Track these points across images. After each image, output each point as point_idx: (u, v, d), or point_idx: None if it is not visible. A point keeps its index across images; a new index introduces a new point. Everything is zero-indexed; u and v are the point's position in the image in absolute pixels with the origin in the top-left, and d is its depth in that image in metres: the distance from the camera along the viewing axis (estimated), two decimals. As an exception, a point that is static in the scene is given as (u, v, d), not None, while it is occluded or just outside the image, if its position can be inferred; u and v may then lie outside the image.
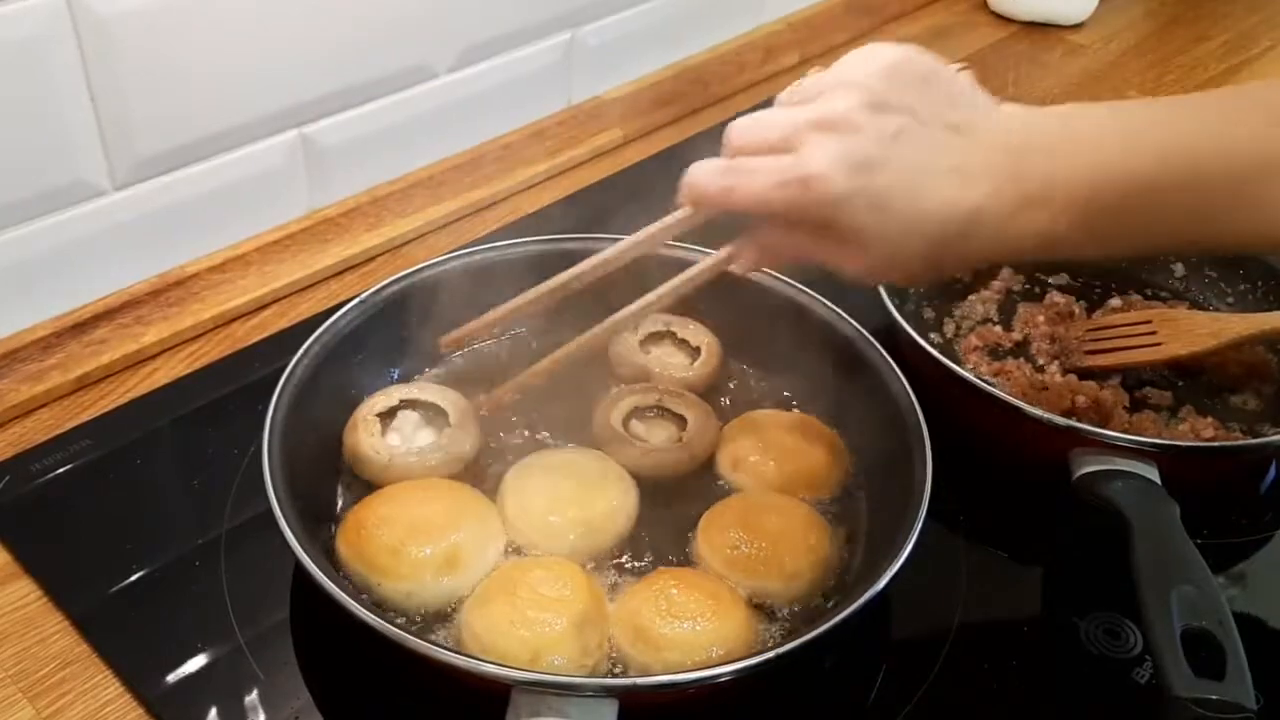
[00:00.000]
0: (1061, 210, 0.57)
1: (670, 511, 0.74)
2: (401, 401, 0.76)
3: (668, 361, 0.83)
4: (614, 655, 0.65)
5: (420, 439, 0.76)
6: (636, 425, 0.77)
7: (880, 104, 0.57)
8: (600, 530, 0.70)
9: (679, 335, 0.84)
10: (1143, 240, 0.60)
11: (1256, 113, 0.58)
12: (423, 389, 0.78)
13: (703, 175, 0.61)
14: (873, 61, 0.59)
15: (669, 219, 0.67)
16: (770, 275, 0.83)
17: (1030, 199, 0.57)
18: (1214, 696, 0.57)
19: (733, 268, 0.68)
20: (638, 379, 0.81)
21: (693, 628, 0.63)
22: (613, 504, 0.71)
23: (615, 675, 0.64)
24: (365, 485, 0.73)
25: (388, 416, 0.76)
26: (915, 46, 0.61)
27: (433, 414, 0.77)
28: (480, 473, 0.75)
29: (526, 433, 0.78)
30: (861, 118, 0.57)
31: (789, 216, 0.59)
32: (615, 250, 0.69)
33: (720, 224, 0.66)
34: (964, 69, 0.62)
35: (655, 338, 0.84)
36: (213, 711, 0.64)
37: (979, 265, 0.60)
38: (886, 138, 0.56)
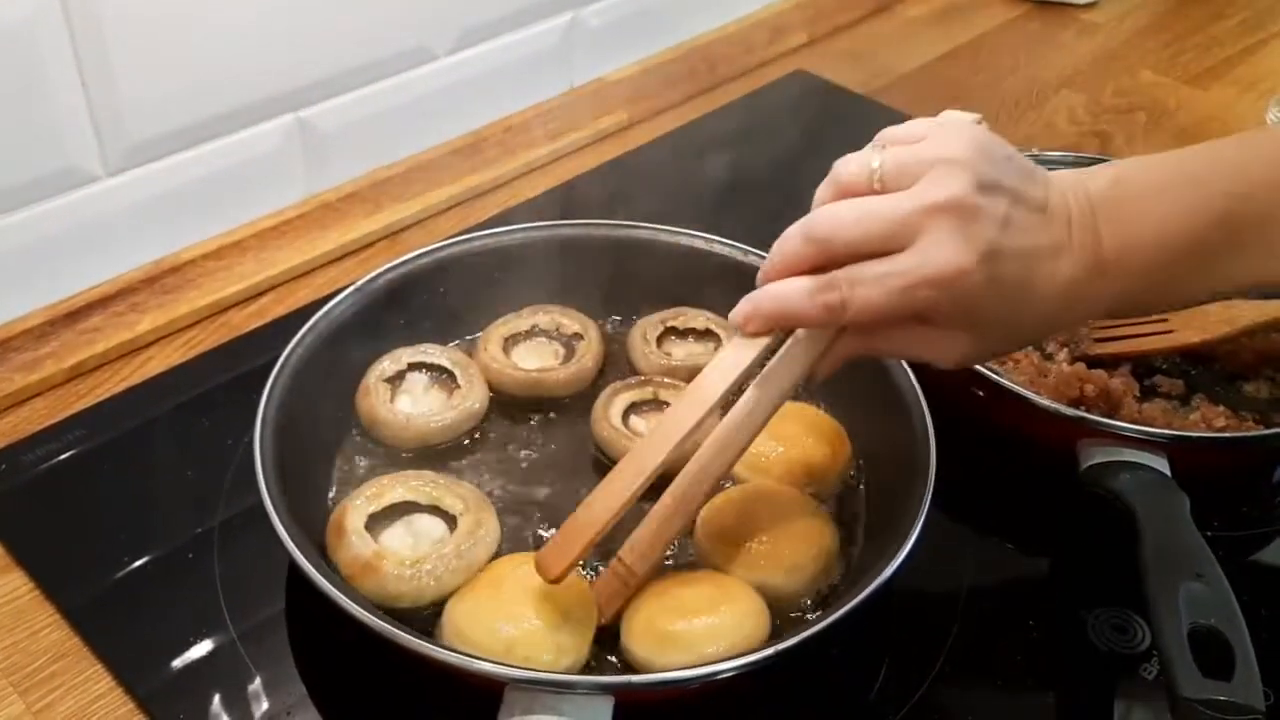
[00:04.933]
0: (1136, 277, 0.57)
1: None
2: (409, 365, 0.78)
3: (693, 350, 0.82)
4: (624, 658, 0.64)
5: (431, 400, 0.77)
6: (635, 421, 0.76)
7: (989, 185, 0.54)
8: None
9: (696, 328, 0.83)
10: (1203, 290, 0.60)
11: None
12: (428, 352, 0.79)
13: (793, 298, 0.56)
14: (964, 137, 0.56)
15: (748, 356, 0.59)
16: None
17: (1106, 268, 0.56)
18: (1222, 698, 0.56)
19: (810, 383, 0.63)
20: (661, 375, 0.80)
21: (707, 624, 0.62)
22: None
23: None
24: (359, 470, 0.73)
25: (396, 380, 0.77)
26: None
27: (440, 375, 0.78)
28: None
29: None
30: (978, 200, 0.53)
31: (920, 317, 0.56)
32: (700, 414, 0.61)
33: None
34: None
35: (668, 334, 0.83)
36: (205, 706, 0.63)
37: (1058, 334, 0.61)
38: (1000, 222, 0.54)
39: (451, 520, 0.68)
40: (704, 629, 0.62)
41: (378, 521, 0.68)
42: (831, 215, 0.56)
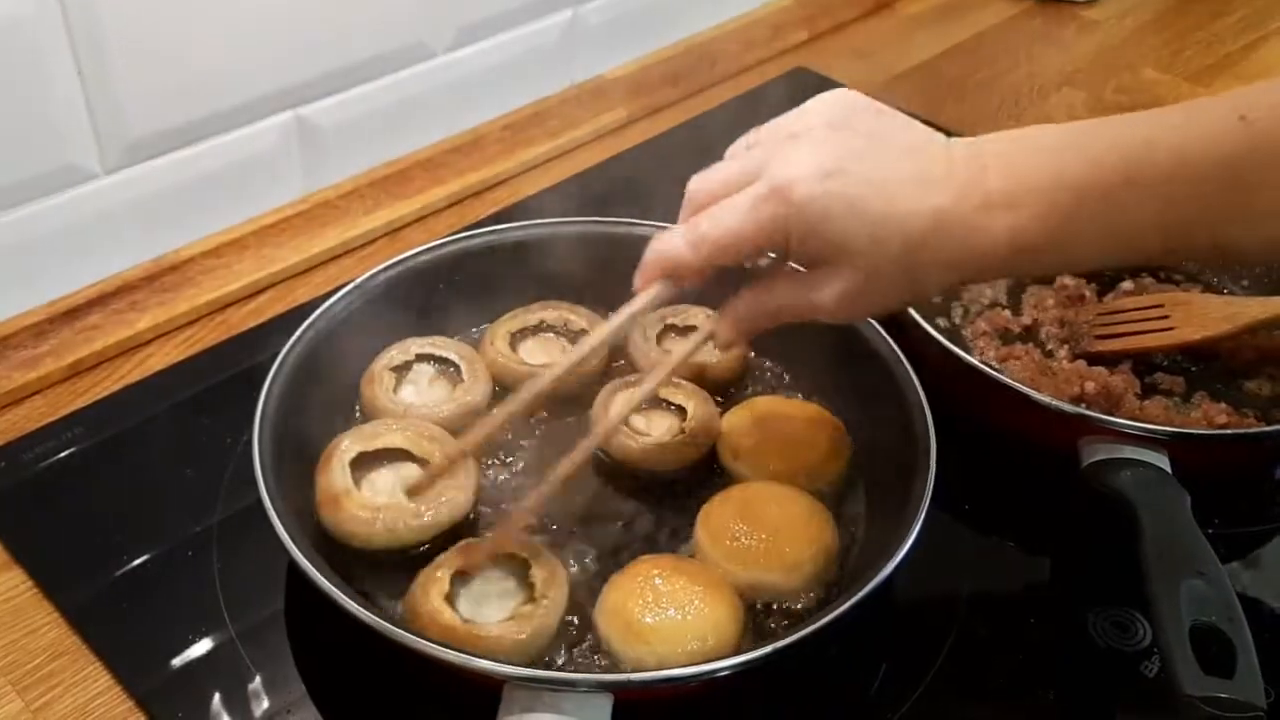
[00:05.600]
0: (1027, 213, 0.56)
1: (669, 502, 0.73)
2: (417, 355, 0.78)
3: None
4: (604, 650, 0.64)
5: (434, 392, 0.77)
6: (635, 418, 0.76)
7: (841, 125, 0.59)
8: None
9: (695, 325, 0.82)
10: (1110, 245, 0.59)
11: (1219, 108, 0.56)
12: (436, 344, 0.79)
13: (668, 244, 0.61)
14: (826, 98, 0.61)
15: (639, 301, 0.64)
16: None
17: (993, 201, 0.57)
18: (1223, 695, 0.56)
19: (714, 344, 0.68)
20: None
21: (681, 616, 0.62)
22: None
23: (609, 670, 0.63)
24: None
25: (402, 370, 0.78)
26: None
27: (446, 368, 0.79)
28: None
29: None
30: (824, 134, 0.58)
31: (770, 243, 0.59)
32: (588, 348, 0.66)
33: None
34: None
35: (667, 331, 0.83)
36: (204, 705, 0.63)
37: (956, 281, 0.60)
38: (850, 152, 0.57)
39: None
40: (670, 628, 0.62)
41: (372, 460, 0.70)
42: (698, 177, 0.63)
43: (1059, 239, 0.57)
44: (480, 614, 0.64)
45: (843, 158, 0.57)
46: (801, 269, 0.61)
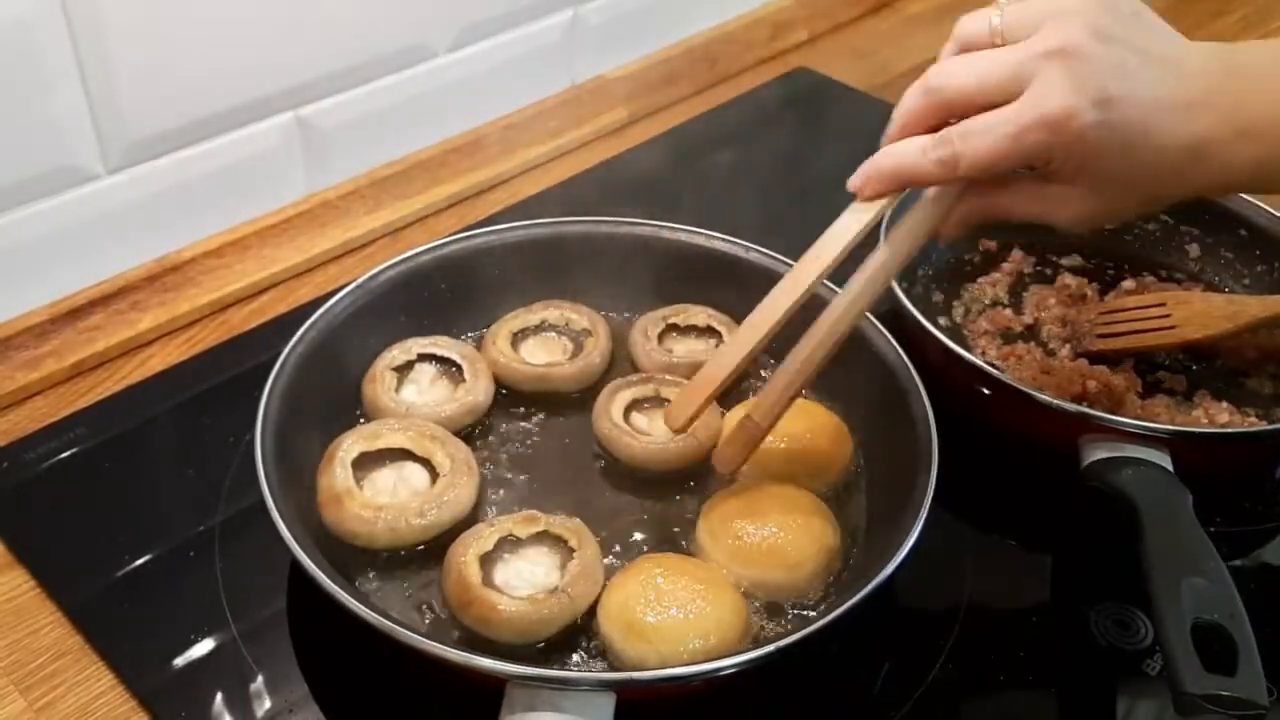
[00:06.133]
0: (1275, 142, 0.56)
1: (671, 502, 0.73)
2: (418, 355, 0.78)
3: (694, 347, 0.82)
4: (606, 649, 0.64)
5: (436, 391, 0.77)
6: (637, 418, 0.76)
7: (1106, 35, 0.55)
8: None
9: (697, 325, 0.83)
10: None
11: None
12: (438, 343, 0.79)
13: (909, 158, 0.58)
14: None
15: (870, 213, 0.60)
16: (770, 256, 0.82)
17: (1245, 131, 0.56)
18: (1225, 693, 0.56)
19: (933, 237, 0.64)
20: (665, 373, 0.79)
21: (683, 615, 0.62)
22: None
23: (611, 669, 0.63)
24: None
25: (404, 369, 0.78)
26: None
27: (447, 367, 0.79)
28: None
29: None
30: (1092, 47, 0.54)
31: (1026, 165, 0.56)
32: (814, 277, 0.63)
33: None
34: None
35: (669, 331, 0.83)
36: (207, 704, 0.63)
37: (1192, 198, 0.60)
38: (1119, 72, 0.54)
39: (436, 477, 0.70)
40: (672, 627, 0.62)
41: (373, 459, 0.70)
42: (946, 68, 0.58)
43: None
44: (510, 586, 0.65)
45: (1112, 80, 0.54)
46: (1039, 177, 0.58)
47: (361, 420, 0.76)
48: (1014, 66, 0.56)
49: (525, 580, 0.66)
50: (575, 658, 0.64)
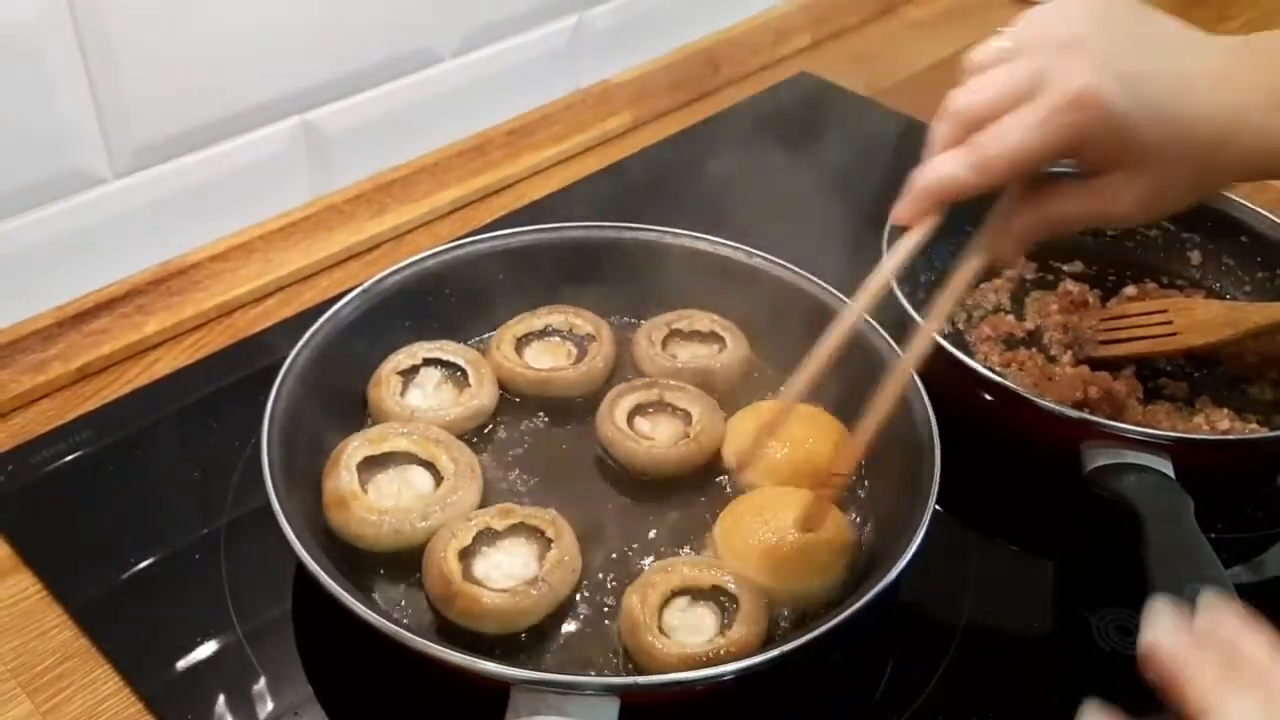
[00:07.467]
0: None
1: (675, 506, 0.73)
2: (424, 359, 0.79)
3: (698, 352, 0.82)
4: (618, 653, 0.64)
5: (441, 395, 0.78)
6: (640, 422, 0.77)
7: (1112, 23, 0.56)
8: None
9: (700, 330, 0.83)
10: None
11: None
12: (443, 348, 0.80)
13: (944, 171, 0.58)
14: (1088, 4, 0.58)
15: (915, 238, 0.60)
16: (773, 262, 0.82)
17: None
18: (1226, 699, 0.56)
19: (996, 264, 0.65)
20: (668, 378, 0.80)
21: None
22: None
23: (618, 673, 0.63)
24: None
25: (409, 374, 0.78)
26: None
27: (452, 372, 0.79)
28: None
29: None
30: (1103, 35, 0.55)
31: (1061, 155, 0.56)
32: (863, 304, 0.64)
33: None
34: None
35: (672, 336, 0.83)
36: (212, 706, 0.64)
37: (1247, 179, 0.60)
38: (1139, 50, 0.55)
39: (440, 480, 0.70)
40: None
41: (378, 463, 0.71)
42: (964, 90, 0.58)
43: None
44: (490, 578, 0.66)
45: (1131, 57, 0.55)
46: (1084, 176, 0.59)
47: (367, 424, 0.76)
48: (1031, 69, 0.56)
49: (504, 572, 0.66)
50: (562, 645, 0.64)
